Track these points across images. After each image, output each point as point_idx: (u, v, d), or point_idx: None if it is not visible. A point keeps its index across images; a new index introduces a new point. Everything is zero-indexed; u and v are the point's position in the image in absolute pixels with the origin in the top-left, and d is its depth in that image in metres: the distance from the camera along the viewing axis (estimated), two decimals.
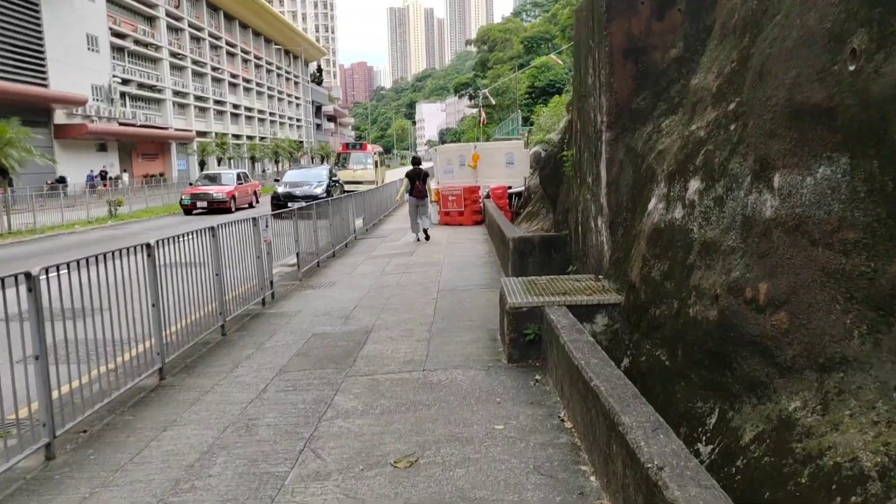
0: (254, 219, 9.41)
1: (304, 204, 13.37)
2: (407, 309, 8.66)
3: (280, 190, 27.05)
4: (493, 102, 44.37)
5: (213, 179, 31.30)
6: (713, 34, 5.84)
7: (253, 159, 56.06)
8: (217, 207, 28.39)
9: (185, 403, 5.49)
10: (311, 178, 27.88)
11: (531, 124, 36.88)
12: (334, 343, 7.14)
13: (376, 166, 35.48)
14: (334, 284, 10.92)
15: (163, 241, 6.34)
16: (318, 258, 13.12)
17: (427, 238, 16.11)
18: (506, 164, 18.61)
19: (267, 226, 9.69)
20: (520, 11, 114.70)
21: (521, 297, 6.21)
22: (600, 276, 6.93)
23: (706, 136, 5.03)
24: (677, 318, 4.74)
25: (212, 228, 7.66)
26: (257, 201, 33.35)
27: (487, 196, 20.25)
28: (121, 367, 5.60)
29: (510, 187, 19.90)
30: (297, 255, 11.59)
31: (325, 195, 22.62)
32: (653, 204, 5.62)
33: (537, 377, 5.63)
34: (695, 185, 4.94)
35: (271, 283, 9.93)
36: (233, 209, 28.56)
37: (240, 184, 31.07)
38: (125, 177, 54.35)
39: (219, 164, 51.19)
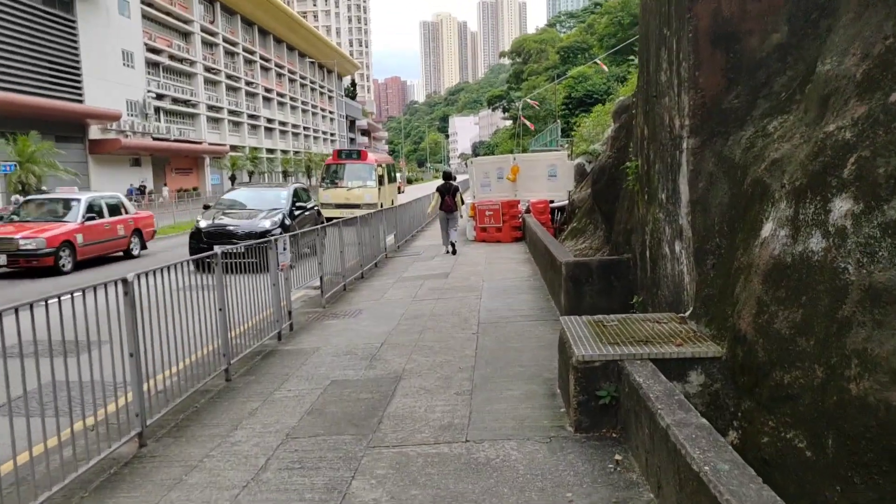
0: (266, 242, 8.25)
1: (237, 248, 7.65)
2: (443, 347, 7.39)
3: (203, 224, 16.19)
4: (537, 106, 42.90)
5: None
6: (846, 5, 4.50)
7: (285, 173, 55.44)
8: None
9: (162, 487, 4.28)
10: (260, 202, 17.21)
11: (570, 135, 35.50)
12: (356, 395, 5.89)
13: (381, 183, 26.39)
14: (360, 313, 9.71)
15: (144, 274, 5.16)
16: (345, 280, 11.95)
17: (454, 252, 16.25)
18: (548, 177, 17.31)
19: (284, 248, 8.52)
20: (554, 23, 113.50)
21: (590, 345, 4.89)
22: (685, 317, 5.58)
23: (855, 138, 3.69)
24: (824, 393, 3.39)
25: (209, 256, 6.47)
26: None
27: (527, 211, 18.93)
28: (85, 432, 4.43)
29: (552, 201, 18.56)
30: (321, 279, 10.42)
31: (279, 230, 15.07)
32: (769, 230, 4.27)
33: (617, 457, 4.29)
34: (843, 205, 3.59)
35: (290, 313, 8.75)
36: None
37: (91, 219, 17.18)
38: (165, 190, 54.22)
39: (250, 179, 50.58)
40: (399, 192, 32.96)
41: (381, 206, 20.40)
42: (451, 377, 6.25)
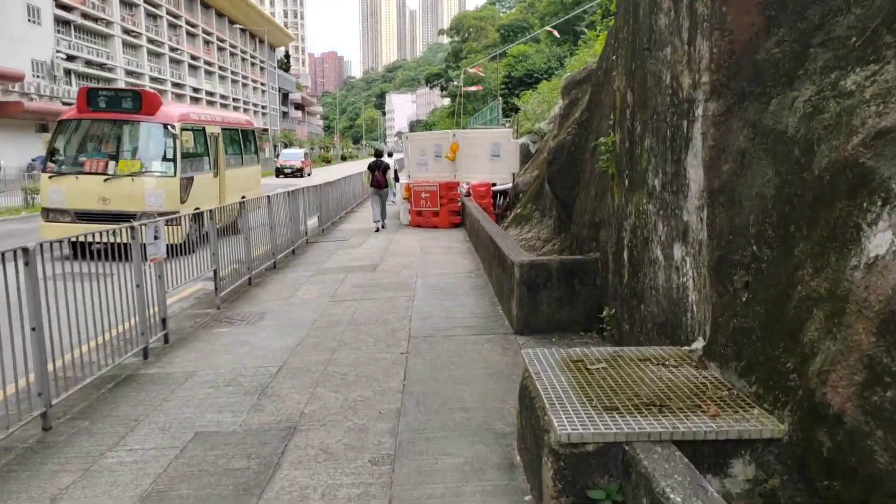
0: (132, 227, 6.22)
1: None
2: (360, 375, 5.58)
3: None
4: (481, 72, 41.01)
5: None
6: None
7: None
8: None
9: None
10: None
11: (511, 116, 33.92)
12: (225, 463, 4.03)
13: (194, 167, 13.89)
14: (262, 318, 7.78)
15: None
16: (251, 273, 9.97)
17: (382, 227, 16.45)
18: (490, 157, 15.61)
19: (157, 237, 6.51)
20: (494, 2, 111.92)
21: (576, 413, 3.17)
22: (699, 355, 3.94)
23: None
24: None
25: (21, 250, 4.44)
26: None
27: (467, 194, 17.22)
28: None
29: (495, 184, 16.89)
30: (215, 273, 8.42)
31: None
32: (883, 243, 2.62)
33: None
34: None
35: (164, 321, 6.76)
36: None
37: None
38: None
39: None
40: (300, 175, 27.50)
41: (199, 212, 9.52)
42: (367, 429, 4.46)
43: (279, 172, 48.58)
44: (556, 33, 28.70)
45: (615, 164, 6.01)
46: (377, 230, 16.21)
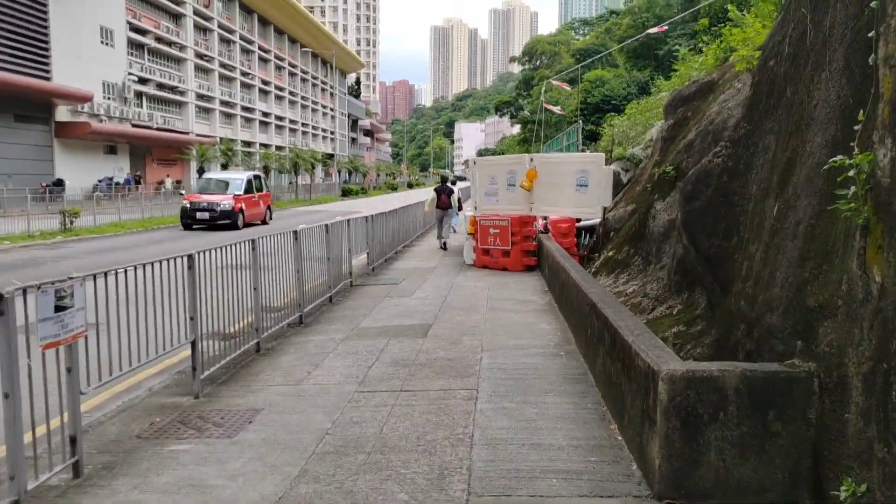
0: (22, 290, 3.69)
1: None
2: None
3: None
4: (567, 87, 38.06)
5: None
6: None
7: (266, 169, 50.87)
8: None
9: None
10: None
11: (590, 143, 30.97)
12: None
13: None
14: (250, 422, 5.15)
15: None
16: (261, 336, 7.43)
17: (444, 248, 18.20)
18: (576, 187, 12.78)
19: (64, 306, 3.98)
20: (567, 29, 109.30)
21: None
22: None
23: None
24: None
25: None
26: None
27: (543, 230, 14.41)
28: None
29: (579, 220, 14.07)
30: (192, 345, 5.87)
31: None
32: None
33: None
34: None
35: (73, 442, 4.19)
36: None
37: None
38: (168, 182, 49.85)
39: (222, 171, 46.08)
40: (229, 224, 21.38)
41: None
42: None
43: (186, 218, 25.48)
44: (661, 30, 25.44)
45: (876, 205, 3.14)
46: (441, 247, 18.31)
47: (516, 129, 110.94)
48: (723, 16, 16.66)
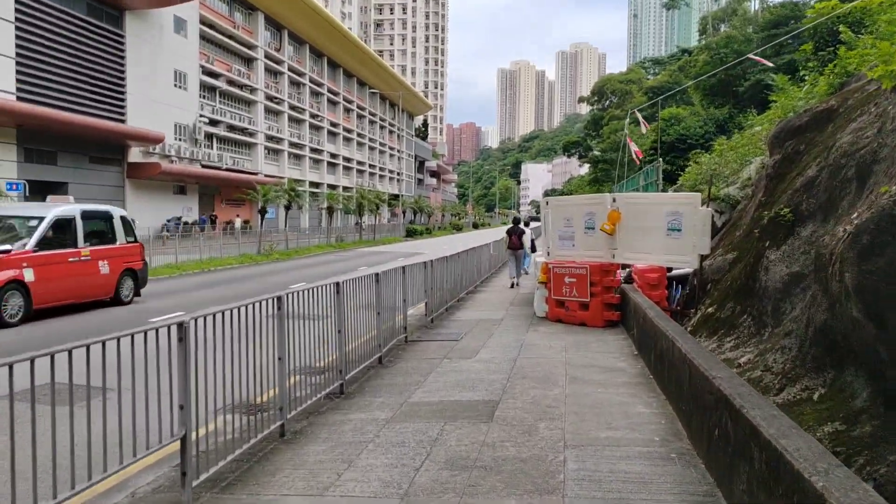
0: None
1: None
2: None
3: None
4: (646, 129, 35.60)
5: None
6: None
7: (330, 210, 50.45)
8: None
9: None
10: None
11: (672, 182, 28.91)
12: None
13: None
14: None
15: None
16: (285, 417, 5.96)
17: (516, 285, 18.67)
18: (666, 232, 11.01)
19: None
20: (639, 68, 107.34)
21: None
22: None
23: None
24: None
25: None
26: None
27: (627, 280, 12.63)
28: None
29: (670, 269, 12.26)
30: (183, 442, 4.42)
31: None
32: None
33: None
34: None
35: None
36: None
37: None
38: (238, 221, 50.38)
39: (286, 213, 45.66)
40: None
41: None
42: None
43: None
44: (763, 61, 23.40)
45: None
46: (512, 286, 18.64)
47: (584, 169, 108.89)
48: (830, 39, 14.75)
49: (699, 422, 5.18)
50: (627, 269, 12.87)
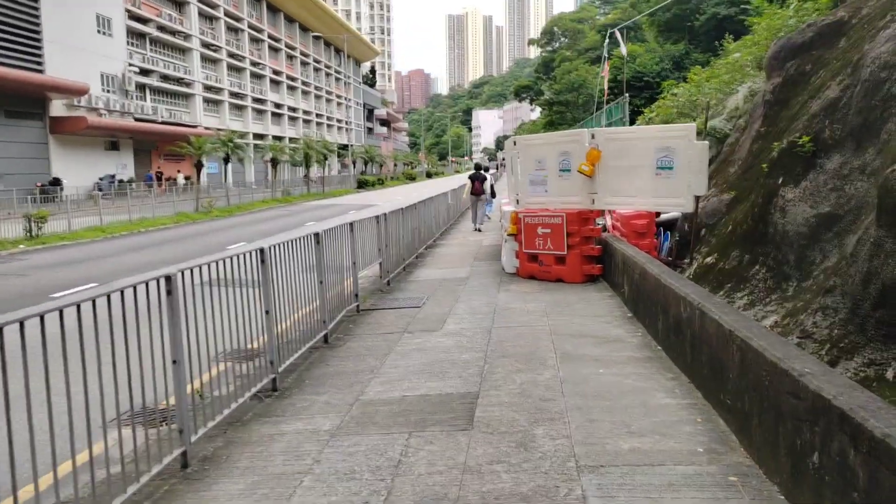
0: None
1: None
2: None
3: None
4: (625, 52, 32.60)
5: None
6: None
7: (274, 162, 47.71)
8: None
9: None
10: None
11: (631, 123, 27.45)
12: None
13: None
14: None
15: None
16: (188, 443, 4.29)
17: (479, 230, 18.69)
18: (656, 171, 9.49)
19: None
20: (591, 6, 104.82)
21: None
22: None
23: None
24: None
25: None
26: None
27: (605, 228, 11.15)
28: None
29: (658, 214, 10.80)
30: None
31: None
32: None
33: None
34: None
35: None
36: None
37: None
38: (180, 177, 47.24)
39: (226, 165, 42.84)
40: None
41: None
42: None
43: None
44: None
45: None
46: (476, 230, 18.84)
47: (536, 113, 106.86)
48: None
49: (769, 432, 3.69)
50: (609, 216, 11.38)
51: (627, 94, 22.13)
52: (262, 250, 5.83)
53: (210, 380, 5.03)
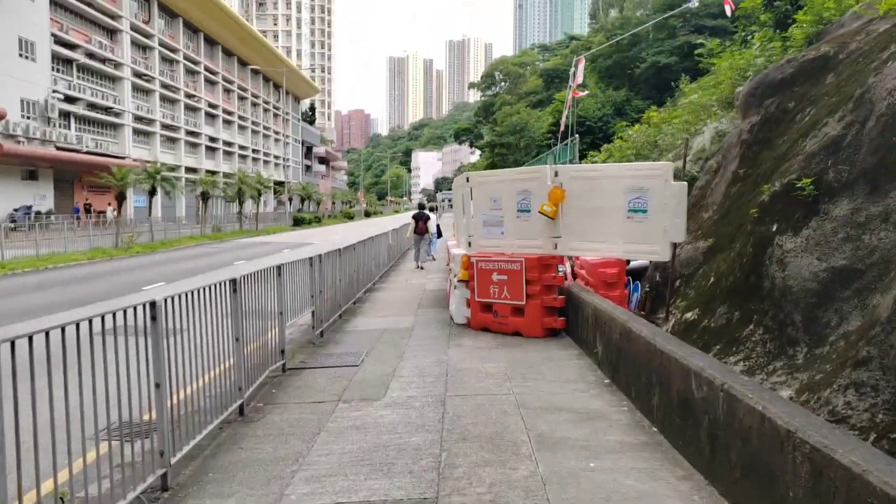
0: None
1: None
2: None
3: None
4: (582, 81, 31.42)
5: None
6: None
7: (205, 196, 45.48)
8: None
9: None
10: None
11: (582, 158, 26.89)
12: None
13: None
14: None
15: None
16: None
17: (421, 268, 18.89)
18: (627, 213, 8.50)
19: None
20: (534, 49, 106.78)
21: None
22: None
23: None
24: None
25: None
26: None
27: (566, 277, 10.05)
28: None
29: (628, 262, 9.77)
30: None
31: None
32: None
33: None
34: None
35: None
36: None
37: None
38: (110, 210, 44.31)
39: (150, 199, 40.46)
40: None
41: None
42: None
43: None
44: (731, 5, 20.66)
45: None
46: (419, 267, 18.91)
47: (475, 156, 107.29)
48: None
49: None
50: (571, 263, 10.31)
51: (577, 135, 21.49)
52: (152, 304, 4.41)
53: (76, 472, 3.58)
